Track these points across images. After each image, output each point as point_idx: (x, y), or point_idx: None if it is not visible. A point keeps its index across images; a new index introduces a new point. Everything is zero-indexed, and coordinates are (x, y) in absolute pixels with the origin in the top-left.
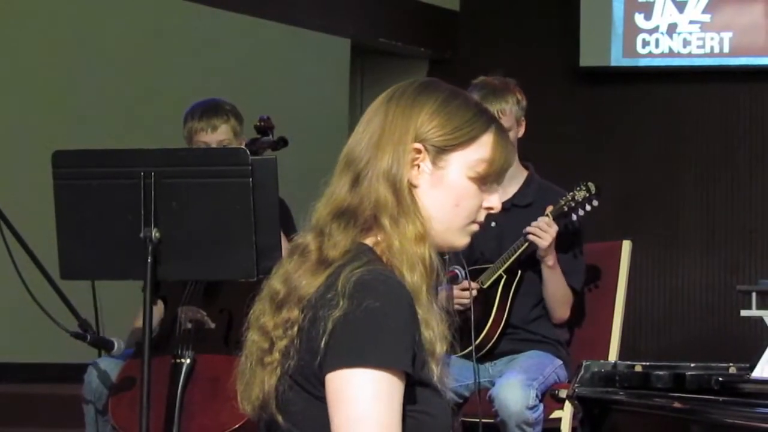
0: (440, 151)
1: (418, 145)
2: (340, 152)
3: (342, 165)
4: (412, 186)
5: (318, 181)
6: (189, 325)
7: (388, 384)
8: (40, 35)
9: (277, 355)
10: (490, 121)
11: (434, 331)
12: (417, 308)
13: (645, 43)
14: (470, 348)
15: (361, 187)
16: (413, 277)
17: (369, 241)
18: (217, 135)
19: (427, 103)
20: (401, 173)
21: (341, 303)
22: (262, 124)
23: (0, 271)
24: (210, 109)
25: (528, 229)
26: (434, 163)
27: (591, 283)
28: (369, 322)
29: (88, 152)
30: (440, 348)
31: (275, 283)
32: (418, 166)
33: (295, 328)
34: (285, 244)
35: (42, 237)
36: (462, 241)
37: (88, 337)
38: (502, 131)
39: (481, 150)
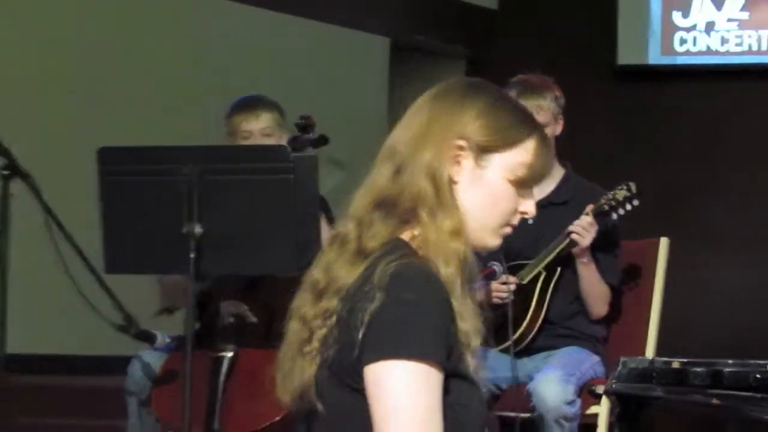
0: (483, 150)
1: (461, 142)
2: (379, 149)
3: (384, 155)
4: (452, 181)
5: (357, 181)
6: (231, 320)
7: (425, 375)
8: (85, 34)
9: (316, 344)
10: (534, 128)
11: (469, 324)
12: (452, 301)
13: (683, 41)
14: (508, 342)
15: (402, 178)
16: (448, 270)
17: (406, 235)
18: (260, 123)
19: (474, 102)
20: (442, 167)
21: (377, 295)
22: (303, 122)
23: (48, 266)
24: (252, 101)
25: (571, 228)
26: (476, 161)
27: (628, 280)
28: (405, 314)
29: (133, 149)
30: (475, 341)
31: (316, 272)
32: (459, 163)
33: (334, 318)
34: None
35: (88, 233)
36: (494, 241)
37: (132, 330)
38: (544, 139)
39: (522, 154)
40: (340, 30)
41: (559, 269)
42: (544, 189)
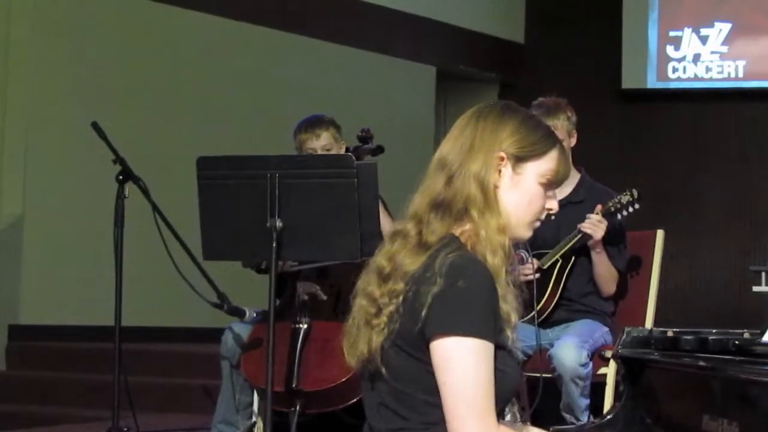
0: (519, 159)
1: (502, 154)
2: (428, 160)
3: (436, 166)
4: (495, 187)
5: (408, 184)
6: (305, 297)
7: (485, 350)
8: (187, 55)
9: (384, 318)
10: (555, 141)
11: (510, 305)
12: (497, 286)
13: (674, 69)
14: (532, 314)
15: (455, 185)
16: (495, 261)
17: (457, 231)
18: (321, 141)
19: (510, 120)
20: (489, 176)
21: (438, 281)
22: (364, 134)
23: (156, 254)
24: (313, 122)
25: (583, 225)
26: (514, 169)
27: (631, 265)
28: (461, 297)
29: (226, 158)
30: (514, 318)
31: (381, 259)
32: (501, 171)
33: (400, 298)
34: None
35: (189, 227)
36: (527, 234)
37: (225, 307)
38: (563, 149)
39: (549, 162)
40: (395, 60)
41: (573, 257)
42: (564, 190)
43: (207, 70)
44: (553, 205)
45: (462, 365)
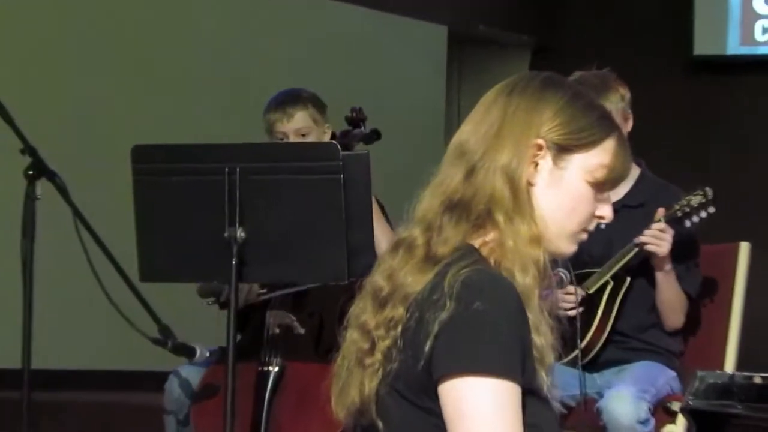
0: (562, 150)
1: (539, 141)
2: (437, 148)
3: (454, 155)
4: (529, 184)
5: (412, 177)
6: (277, 330)
7: (508, 393)
8: (117, 18)
9: (378, 356)
10: (612, 127)
11: (545, 338)
12: (527, 312)
13: (765, 30)
14: (574, 353)
15: (476, 179)
16: (525, 279)
17: (477, 241)
18: (294, 123)
19: (552, 99)
20: (520, 169)
21: (448, 305)
22: (354, 115)
23: (76, 273)
24: (286, 98)
25: (642, 239)
26: (554, 162)
27: (706, 288)
28: (477, 325)
29: (169, 147)
30: (550, 357)
31: (378, 279)
32: (537, 164)
33: (399, 328)
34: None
35: (120, 237)
36: (570, 248)
37: (169, 344)
38: (623, 139)
39: (602, 155)
40: (394, 17)
41: (629, 279)
42: (618, 191)
43: (155, 36)
44: (606, 213)
45: (480, 415)
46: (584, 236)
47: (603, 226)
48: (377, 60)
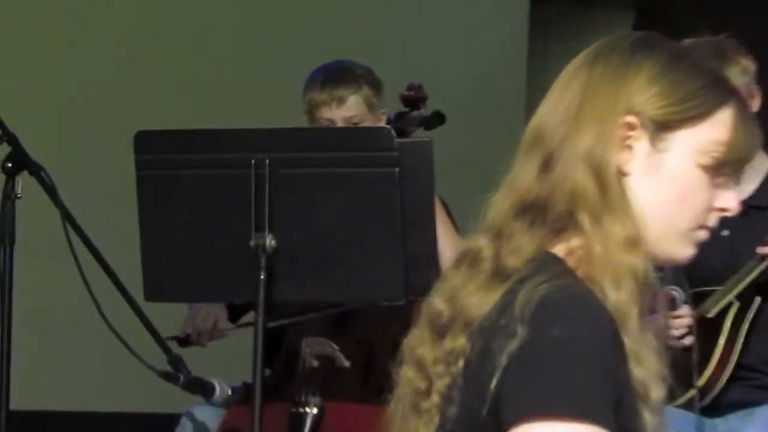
0: (661, 127)
1: (631, 119)
2: (514, 131)
3: (528, 143)
4: (621, 173)
5: (484, 171)
6: (315, 363)
7: None
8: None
9: (436, 398)
10: (729, 93)
11: (648, 370)
12: (623, 337)
13: None
14: (690, 393)
15: (554, 173)
16: (619, 296)
17: (559, 248)
18: (344, 110)
19: (645, 64)
20: (608, 155)
21: (519, 331)
22: (412, 93)
23: (64, 289)
24: (335, 76)
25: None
26: (653, 143)
27: None
28: (555, 356)
29: (181, 133)
30: (656, 392)
31: (437, 302)
32: (631, 147)
33: (460, 363)
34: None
35: (121, 246)
36: (684, 251)
37: (181, 379)
38: (743, 108)
39: (717, 129)
40: None
41: (758, 300)
42: (743, 188)
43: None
44: (729, 203)
45: None
46: (703, 234)
47: (724, 233)
48: (442, 25)
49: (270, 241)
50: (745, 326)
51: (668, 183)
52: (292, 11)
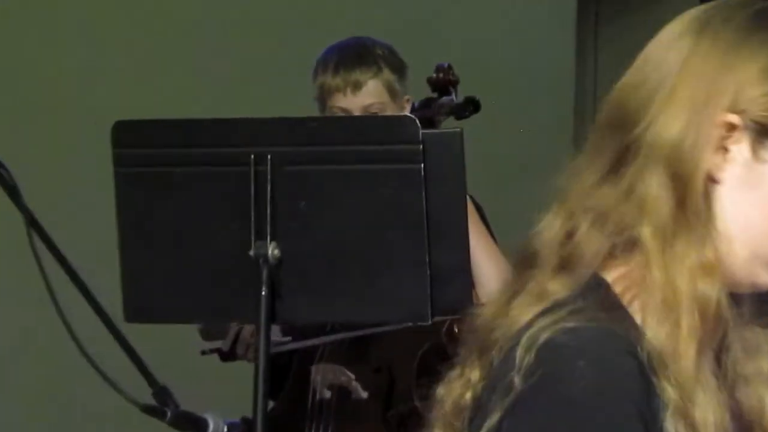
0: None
1: (733, 118)
2: (560, 122)
3: (604, 124)
4: (711, 180)
5: (528, 167)
6: (328, 394)
7: None
8: None
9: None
10: None
11: (701, 422)
12: (663, 384)
13: None
14: None
15: (627, 171)
16: (663, 331)
17: (614, 272)
18: (362, 98)
19: (763, 49)
20: (697, 156)
21: (516, 382)
22: (441, 76)
23: (30, 307)
24: (351, 56)
25: None
26: (754, 151)
27: None
28: (553, 421)
29: (167, 124)
30: None
31: (485, 315)
32: (727, 151)
33: (468, 396)
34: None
35: (97, 257)
36: None
37: (169, 414)
38: None
39: None
40: None
41: None
42: None
43: None
44: None
45: None
46: None
47: None
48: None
49: (273, 251)
50: None
51: (766, 201)
52: None
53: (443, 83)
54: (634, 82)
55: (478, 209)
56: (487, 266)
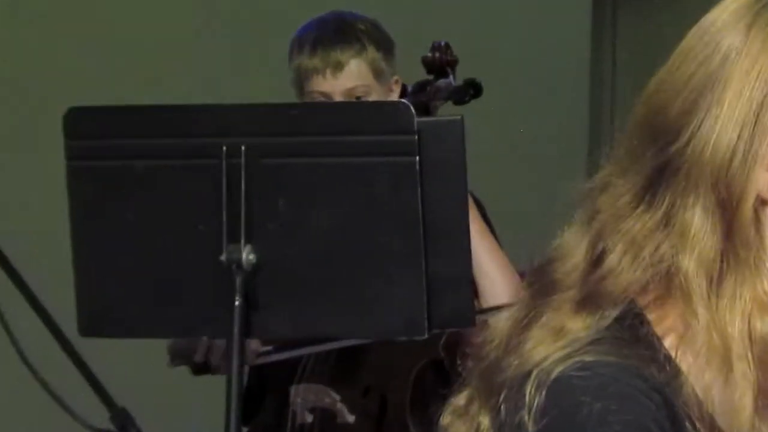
0: None
1: None
2: (572, 112)
3: (637, 135)
4: (762, 202)
5: (537, 159)
6: (309, 418)
7: None
8: None
9: None
10: None
11: None
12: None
13: None
14: None
15: (667, 193)
16: (712, 377)
17: (647, 296)
18: (344, 80)
19: None
20: (748, 175)
21: (525, 422)
22: (437, 56)
23: None
24: (329, 34)
25: None
26: None
27: None
28: None
29: (128, 111)
30: None
31: (491, 349)
32: None
33: None
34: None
35: (47, 264)
36: None
37: None
38: None
39: None
40: None
41: None
42: None
43: None
44: None
45: None
46: None
47: None
48: None
49: (248, 256)
50: None
51: None
52: None
53: (440, 64)
54: (674, 81)
55: (479, 207)
56: (491, 270)
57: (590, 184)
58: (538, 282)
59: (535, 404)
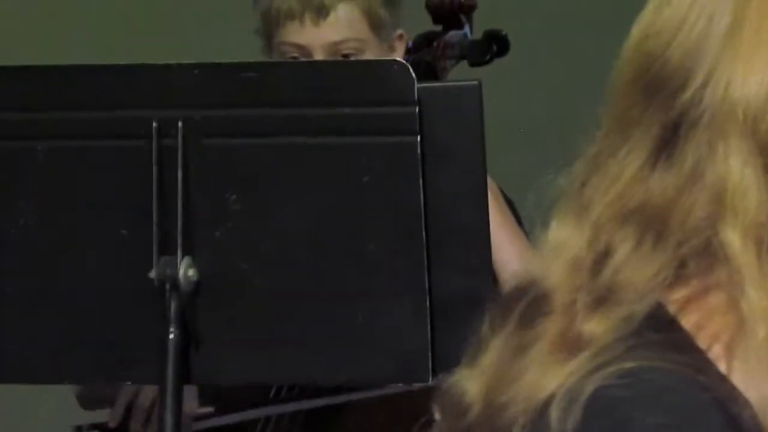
0: None
1: None
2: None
3: (628, 95)
4: None
5: (579, 139)
6: None
7: None
8: None
9: None
10: None
11: None
12: None
13: None
14: None
15: (687, 150)
16: None
17: (680, 301)
18: (329, 30)
19: None
20: None
21: None
22: (446, 3)
23: None
24: None
25: None
26: None
27: None
28: None
29: (25, 72)
30: None
31: (467, 384)
32: None
33: None
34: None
35: None
36: None
37: None
38: None
39: None
40: None
41: None
42: None
43: None
44: None
45: None
46: None
47: None
48: None
49: (187, 272)
50: None
51: None
52: None
53: (451, 9)
54: (668, 18)
55: (507, 199)
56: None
57: (571, 176)
58: (519, 305)
59: (569, 428)
